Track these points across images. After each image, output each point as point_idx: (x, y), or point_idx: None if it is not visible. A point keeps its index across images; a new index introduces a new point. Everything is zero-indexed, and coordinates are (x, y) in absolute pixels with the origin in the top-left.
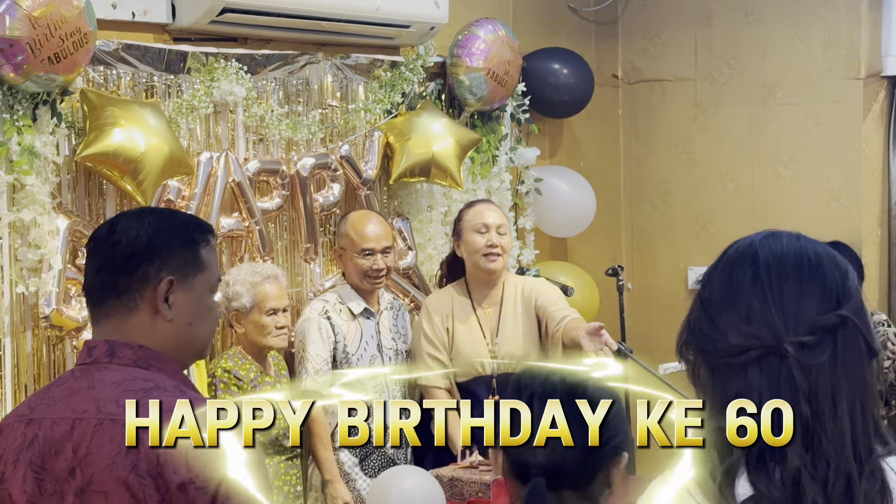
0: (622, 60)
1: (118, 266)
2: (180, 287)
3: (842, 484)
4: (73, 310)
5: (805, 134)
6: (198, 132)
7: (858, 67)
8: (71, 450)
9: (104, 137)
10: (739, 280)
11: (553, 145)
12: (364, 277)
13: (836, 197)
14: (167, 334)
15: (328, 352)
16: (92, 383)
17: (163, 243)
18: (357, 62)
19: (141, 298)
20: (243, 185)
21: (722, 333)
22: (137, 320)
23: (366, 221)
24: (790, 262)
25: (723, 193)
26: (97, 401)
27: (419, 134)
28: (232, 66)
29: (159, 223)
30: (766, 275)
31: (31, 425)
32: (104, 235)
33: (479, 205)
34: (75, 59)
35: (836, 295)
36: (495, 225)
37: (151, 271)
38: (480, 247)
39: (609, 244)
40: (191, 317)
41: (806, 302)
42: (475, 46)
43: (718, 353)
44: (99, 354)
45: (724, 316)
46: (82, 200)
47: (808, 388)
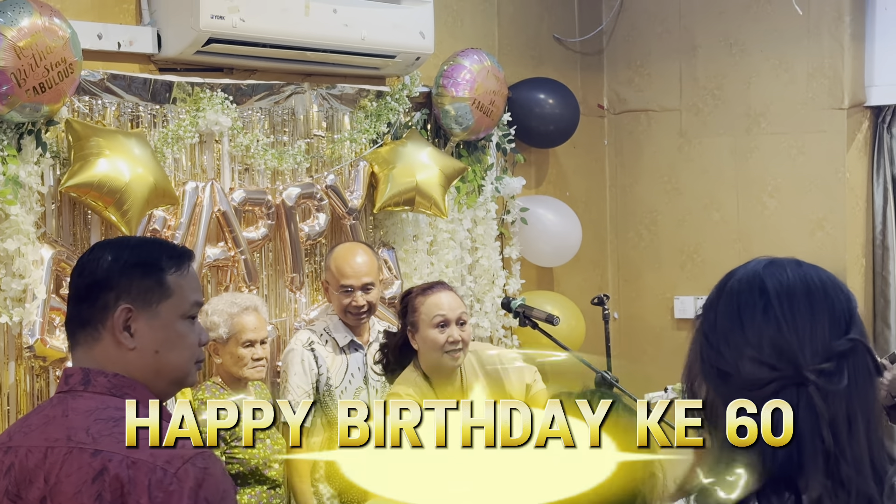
0: (607, 91)
1: (81, 296)
2: (143, 315)
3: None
4: (57, 340)
5: (789, 164)
6: (183, 162)
7: (842, 98)
8: (43, 478)
9: (89, 167)
10: (750, 311)
11: (539, 175)
12: (346, 313)
13: (820, 226)
14: (135, 363)
15: (309, 384)
16: (66, 411)
17: (121, 271)
18: (343, 92)
19: (103, 328)
20: (229, 215)
21: (734, 367)
22: (102, 349)
23: (348, 257)
24: (799, 291)
25: (708, 223)
26: (69, 429)
27: (404, 163)
28: (217, 96)
29: (121, 251)
30: (777, 305)
31: (9, 453)
32: (77, 265)
33: (434, 294)
34: (60, 88)
35: (844, 320)
36: (455, 317)
37: (110, 300)
38: (441, 343)
39: (595, 274)
40: (158, 344)
41: (818, 329)
42: (461, 76)
43: (737, 387)
44: (74, 383)
45: (737, 349)
46: (67, 230)
47: (828, 414)
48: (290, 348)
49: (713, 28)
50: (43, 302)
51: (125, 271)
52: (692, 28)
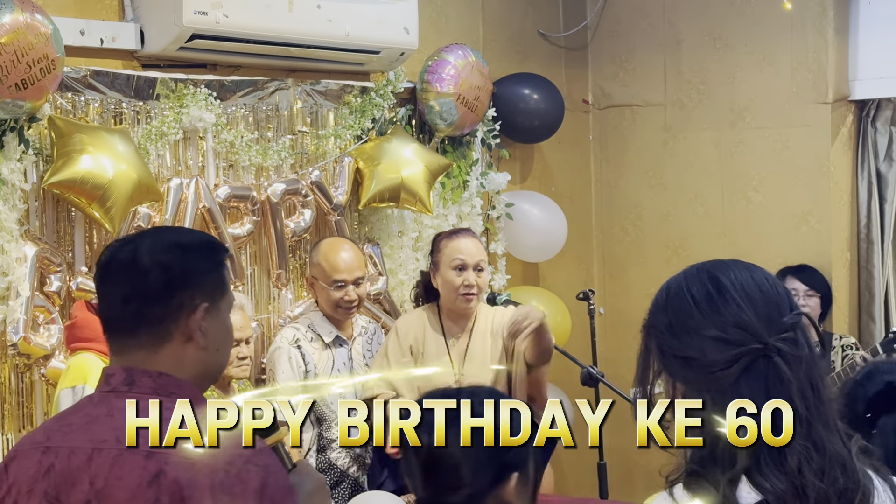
0: (592, 86)
1: (153, 296)
2: (210, 312)
3: (839, 468)
4: (41, 337)
5: (774, 158)
6: (167, 158)
7: (826, 92)
8: (88, 481)
9: (72, 164)
10: (707, 299)
11: (524, 170)
12: (336, 308)
13: (805, 220)
14: (197, 362)
15: (297, 381)
16: (111, 411)
17: (195, 269)
18: (327, 88)
19: (175, 328)
20: (214, 212)
21: (699, 351)
22: (170, 350)
23: (338, 251)
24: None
25: (693, 218)
26: (116, 430)
27: (389, 159)
28: (201, 93)
29: (187, 247)
30: (733, 290)
31: (48, 454)
32: (128, 262)
33: (458, 238)
34: (42, 85)
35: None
36: (473, 263)
37: (186, 299)
38: (457, 286)
39: (580, 269)
40: (219, 342)
41: (772, 309)
42: (445, 72)
43: (706, 371)
44: (117, 383)
45: (699, 334)
46: (50, 227)
47: (797, 382)
48: (275, 346)
49: (697, 23)
50: (27, 300)
51: (199, 268)
52: (676, 23)
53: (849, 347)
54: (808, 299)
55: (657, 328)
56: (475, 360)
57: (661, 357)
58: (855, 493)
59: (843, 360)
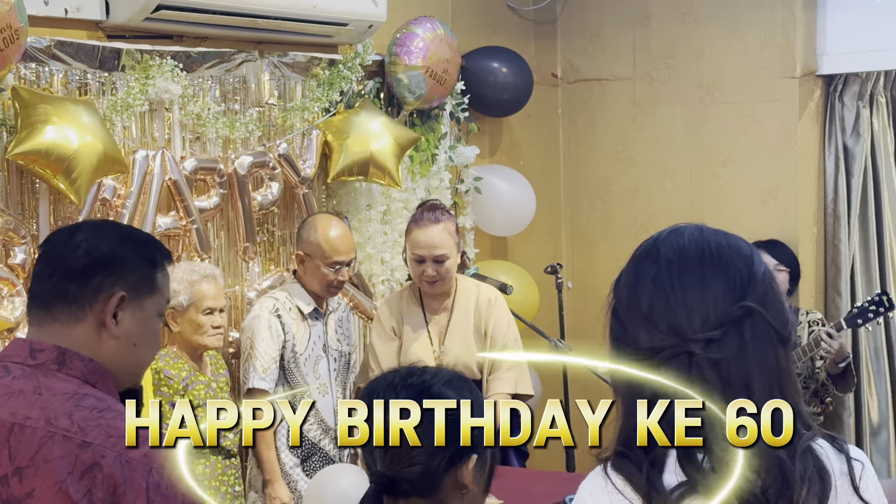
0: (561, 60)
1: (73, 273)
2: (130, 305)
3: (776, 468)
4: (4, 310)
5: (742, 133)
6: (133, 130)
7: (794, 66)
8: (7, 455)
9: (36, 135)
10: (643, 280)
11: (493, 144)
12: (327, 288)
13: (773, 195)
14: (111, 351)
15: (277, 350)
16: (38, 389)
17: (122, 258)
18: (295, 60)
19: (90, 310)
20: (180, 184)
21: (632, 337)
22: (82, 332)
23: (337, 231)
24: (691, 256)
25: (662, 192)
26: (46, 410)
27: (357, 132)
28: (167, 64)
29: (122, 237)
30: (666, 272)
31: None
32: (62, 240)
33: (418, 229)
34: (6, 55)
35: (740, 284)
36: (431, 256)
37: (105, 284)
38: (419, 275)
39: (549, 243)
40: (136, 338)
41: (709, 295)
42: (414, 45)
43: (632, 358)
44: (47, 359)
45: (632, 318)
46: (15, 199)
47: (719, 381)
48: (255, 314)
49: None
50: None
51: (127, 259)
52: None
53: (814, 323)
54: (777, 274)
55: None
56: (456, 336)
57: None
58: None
59: (809, 335)
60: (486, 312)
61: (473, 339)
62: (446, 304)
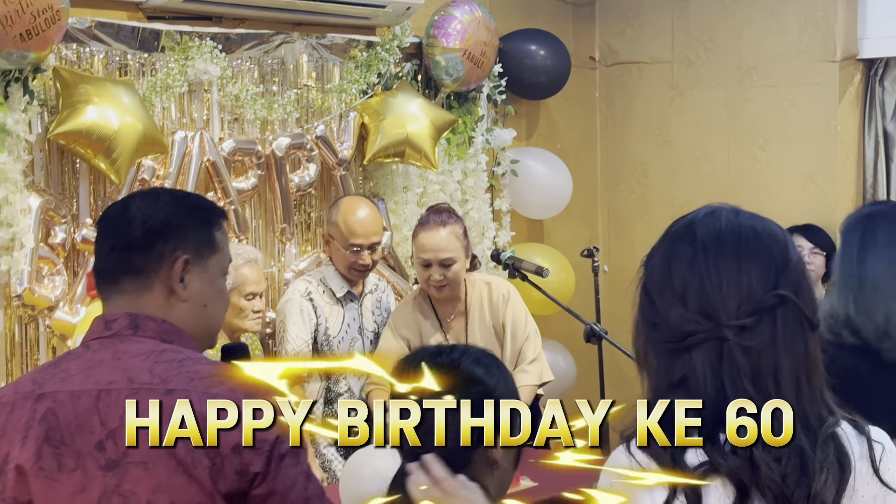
0: (599, 42)
1: (134, 244)
2: (195, 267)
3: (796, 457)
4: (45, 289)
5: (781, 116)
6: (172, 111)
7: (834, 50)
8: (98, 422)
9: (77, 115)
10: (678, 262)
11: (529, 127)
12: (350, 270)
13: (811, 179)
14: (183, 315)
15: (308, 333)
16: (117, 354)
17: (178, 222)
18: (333, 42)
19: (156, 277)
20: (218, 165)
21: (663, 316)
22: (153, 299)
23: (357, 214)
24: (728, 240)
25: (699, 176)
26: (126, 371)
27: (394, 114)
28: (206, 45)
29: (175, 202)
30: (703, 255)
31: (42, 400)
32: (117, 213)
33: (423, 233)
34: (47, 36)
35: (774, 271)
36: (437, 259)
37: (167, 250)
38: (426, 280)
39: (585, 226)
40: (206, 298)
41: (744, 281)
42: (451, 27)
43: (663, 339)
44: (120, 327)
45: (663, 297)
46: (55, 179)
47: (750, 368)
48: (287, 298)
49: None
50: (31, 251)
51: (183, 223)
52: None
53: None
54: (813, 257)
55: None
56: (476, 339)
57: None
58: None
59: None
60: (503, 309)
61: (494, 338)
62: (460, 308)
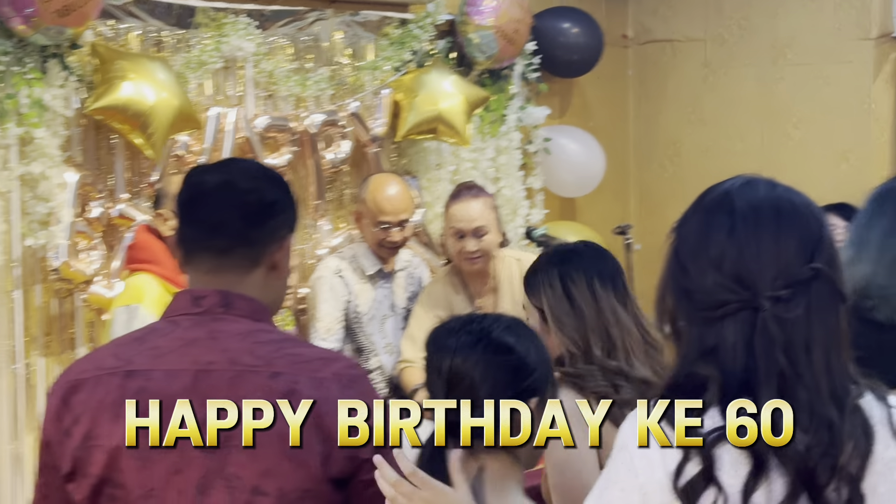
0: (632, 20)
1: (250, 217)
2: (289, 243)
3: (825, 428)
4: (82, 263)
5: (815, 94)
6: (207, 87)
7: (869, 28)
8: (198, 403)
9: (114, 90)
10: (716, 231)
11: (562, 105)
12: (379, 247)
13: (845, 158)
14: (274, 291)
15: (340, 310)
16: (213, 334)
17: (284, 199)
18: (366, 19)
19: (266, 254)
20: (252, 141)
21: (697, 285)
22: (256, 275)
23: (386, 191)
24: (767, 212)
25: (732, 154)
26: (226, 352)
27: (427, 91)
28: (241, 22)
29: (268, 177)
30: (742, 226)
31: (133, 377)
32: (225, 185)
33: (457, 203)
34: (84, 12)
35: (811, 244)
36: (471, 229)
37: (277, 227)
38: (457, 252)
39: (618, 204)
40: (287, 272)
41: (782, 253)
42: (485, 4)
43: (695, 307)
44: (211, 304)
45: (700, 267)
46: (91, 154)
47: (783, 340)
48: (318, 275)
49: None
50: (68, 225)
51: (287, 200)
52: None
53: None
54: None
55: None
56: None
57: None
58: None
59: None
60: None
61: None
62: (491, 284)
